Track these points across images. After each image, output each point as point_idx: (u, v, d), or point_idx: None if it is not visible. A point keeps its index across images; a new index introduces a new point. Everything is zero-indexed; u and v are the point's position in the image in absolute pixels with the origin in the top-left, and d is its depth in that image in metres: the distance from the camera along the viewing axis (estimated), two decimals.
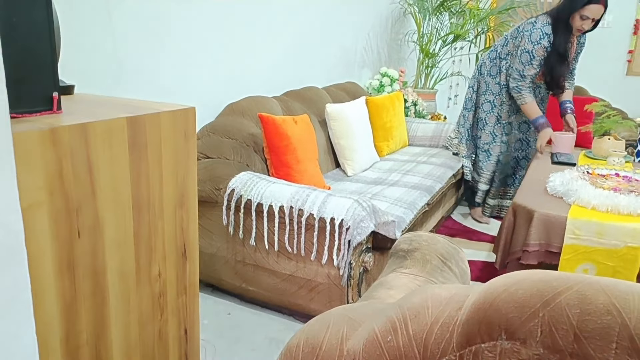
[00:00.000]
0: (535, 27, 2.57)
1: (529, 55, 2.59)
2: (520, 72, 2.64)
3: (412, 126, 3.56)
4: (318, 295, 1.87)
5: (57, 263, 0.83)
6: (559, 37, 2.56)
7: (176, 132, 1.06)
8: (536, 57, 2.58)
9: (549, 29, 2.55)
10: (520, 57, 2.63)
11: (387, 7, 4.12)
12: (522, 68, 2.63)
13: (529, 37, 2.59)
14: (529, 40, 2.58)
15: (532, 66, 2.61)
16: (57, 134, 0.83)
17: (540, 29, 2.55)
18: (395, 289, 1.11)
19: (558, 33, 2.55)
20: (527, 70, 2.62)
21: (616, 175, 2.19)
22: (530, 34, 2.58)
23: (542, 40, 2.54)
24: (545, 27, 2.55)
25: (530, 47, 2.58)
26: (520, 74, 2.64)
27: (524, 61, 2.61)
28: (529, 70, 2.62)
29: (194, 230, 1.14)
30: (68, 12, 1.63)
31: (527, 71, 2.62)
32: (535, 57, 2.58)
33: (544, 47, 2.56)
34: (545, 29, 2.55)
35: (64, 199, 0.83)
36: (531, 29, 2.59)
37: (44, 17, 0.84)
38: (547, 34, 2.54)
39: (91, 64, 1.81)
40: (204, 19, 2.27)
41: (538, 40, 2.55)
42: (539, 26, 2.56)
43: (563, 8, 2.54)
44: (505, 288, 0.66)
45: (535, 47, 2.57)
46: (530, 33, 2.59)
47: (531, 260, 1.88)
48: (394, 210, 2.15)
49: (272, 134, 2.18)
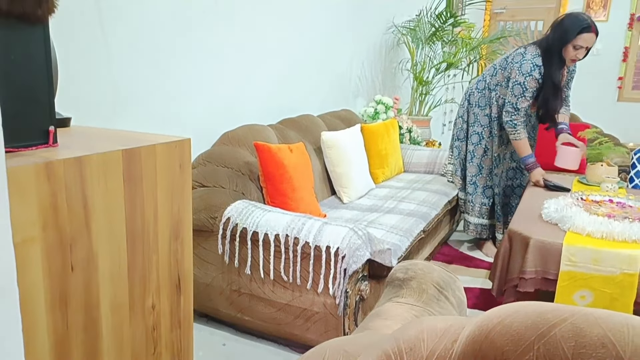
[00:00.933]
0: (525, 59, 2.56)
1: (521, 87, 2.57)
2: (514, 104, 2.61)
3: (407, 153, 3.59)
4: (314, 325, 1.85)
5: (50, 298, 0.83)
6: (553, 69, 2.54)
7: (171, 164, 1.07)
8: (528, 89, 2.57)
9: (539, 60, 2.54)
10: (513, 89, 2.61)
11: (381, 37, 4.21)
12: (515, 101, 2.60)
13: (519, 68, 2.57)
14: (520, 72, 2.57)
15: (525, 98, 2.59)
16: (52, 167, 0.83)
17: (531, 60, 2.54)
18: (391, 320, 1.10)
19: (552, 65, 2.54)
20: (520, 103, 2.60)
21: (610, 201, 2.21)
22: (520, 66, 2.57)
23: (533, 72, 2.54)
24: (535, 59, 2.54)
25: (521, 79, 2.56)
26: (513, 107, 2.61)
27: (517, 94, 2.59)
28: (522, 103, 2.60)
29: (188, 261, 1.13)
30: (66, 45, 1.65)
31: (520, 104, 2.60)
32: (527, 89, 2.57)
33: (535, 79, 2.55)
34: (536, 60, 2.54)
35: (58, 233, 0.83)
36: (521, 61, 2.58)
37: (42, 53, 0.86)
38: (537, 66, 2.54)
39: (88, 96, 1.83)
40: (199, 49, 2.31)
41: (529, 72, 2.54)
42: (529, 57, 2.55)
43: (554, 41, 2.52)
44: (500, 320, 0.66)
45: (526, 79, 2.55)
46: (520, 65, 2.57)
47: (528, 288, 1.87)
48: (390, 238, 2.14)
49: (268, 163, 2.19)
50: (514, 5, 6.75)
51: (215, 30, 2.38)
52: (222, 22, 2.41)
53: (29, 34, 0.85)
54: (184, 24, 2.19)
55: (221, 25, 2.41)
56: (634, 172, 2.43)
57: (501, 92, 2.75)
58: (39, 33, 0.87)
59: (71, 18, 1.70)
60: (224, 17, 2.42)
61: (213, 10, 2.35)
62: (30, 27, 0.85)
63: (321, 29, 3.31)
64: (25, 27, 0.84)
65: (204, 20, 2.31)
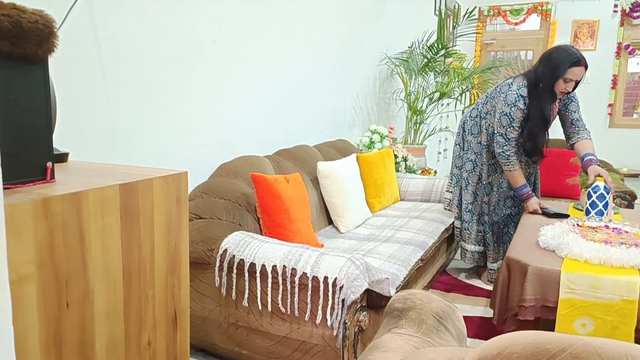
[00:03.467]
0: (510, 89, 2.59)
1: (507, 117, 2.59)
2: (504, 135, 2.62)
3: (403, 181, 3.60)
4: (313, 358, 1.82)
5: (44, 337, 0.82)
6: (543, 103, 2.56)
7: (169, 198, 1.07)
8: (515, 119, 2.59)
9: (525, 91, 2.57)
10: (500, 120, 2.62)
11: (375, 68, 4.29)
12: (504, 131, 2.62)
13: (505, 99, 2.60)
14: (505, 103, 2.59)
15: (513, 128, 2.60)
16: (49, 204, 0.83)
17: (516, 91, 2.57)
18: (391, 352, 1.08)
19: (542, 99, 2.55)
20: (509, 133, 2.61)
21: (606, 227, 2.21)
22: (505, 96, 2.60)
23: (518, 102, 2.56)
24: (520, 89, 2.57)
25: (507, 110, 2.59)
26: (504, 137, 2.62)
27: (505, 124, 2.61)
28: (511, 133, 2.61)
29: (185, 295, 1.12)
30: (64, 82, 1.68)
31: (509, 134, 2.61)
32: (514, 119, 2.59)
33: (520, 109, 2.57)
34: (521, 92, 2.57)
35: (54, 270, 0.83)
36: (507, 91, 2.61)
37: (42, 92, 0.87)
38: (522, 96, 2.56)
39: (85, 131, 1.84)
40: (196, 84, 2.35)
41: (514, 102, 2.56)
42: (514, 89, 2.58)
43: (544, 74, 2.54)
44: (499, 352, 0.66)
45: (512, 109, 2.57)
46: (505, 95, 2.60)
47: (528, 316, 1.85)
48: (387, 267, 2.13)
49: (265, 194, 2.20)
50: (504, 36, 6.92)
51: (212, 66, 2.43)
52: (219, 58, 2.46)
53: (29, 74, 0.86)
54: (181, 61, 2.24)
55: (218, 61, 2.46)
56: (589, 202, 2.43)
57: (490, 120, 2.77)
58: (39, 72, 0.89)
59: (72, 57, 1.73)
60: (220, 54, 2.47)
61: (210, 48, 2.40)
62: (30, 67, 0.87)
63: (316, 63, 3.37)
64: (25, 66, 0.86)
65: (201, 56, 2.35)
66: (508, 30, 6.93)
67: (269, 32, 2.82)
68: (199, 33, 2.32)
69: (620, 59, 6.25)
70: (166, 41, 2.14)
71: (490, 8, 6.68)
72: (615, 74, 6.27)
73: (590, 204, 2.40)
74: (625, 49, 6.22)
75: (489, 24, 6.92)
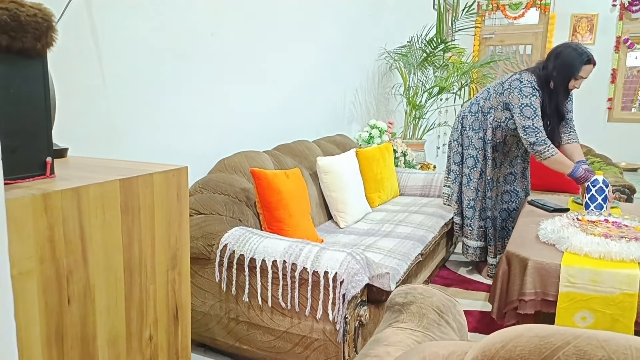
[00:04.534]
0: (522, 84, 2.59)
1: (530, 108, 2.57)
2: (532, 126, 2.56)
3: (403, 176, 3.60)
4: (314, 352, 1.82)
5: (46, 332, 0.81)
6: (559, 100, 2.59)
7: (169, 193, 1.07)
8: (537, 107, 2.58)
9: (536, 84, 2.58)
10: (523, 113, 2.58)
11: (374, 63, 4.28)
12: (531, 123, 2.56)
13: (520, 92, 2.59)
14: (522, 95, 2.58)
15: (539, 118, 2.57)
16: (49, 199, 0.83)
17: (529, 82, 2.58)
18: (392, 346, 1.08)
19: (558, 97, 2.58)
20: (537, 122, 2.56)
21: (606, 221, 2.22)
22: (520, 90, 2.59)
23: (535, 92, 2.57)
24: (532, 83, 2.58)
25: (527, 101, 2.57)
26: (534, 129, 2.56)
27: (530, 115, 2.57)
28: (538, 122, 2.57)
29: (186, 291, 1.12)
30: (63, 76, 1.67)
31: (537, 123, 2.56)
32: (537, 108, 2.57)
33: (537, 98, 2.58)
34: (534, 84, 2.58)
35: (55, 265, 0.83)
36: (519, 86, 2.60)
37: (41, 86, 0.87)
38: (536, 89, 2.58)
39: (85, 126, 1.84)
40: (195, 79, 2.34)
41: (531, 93, 2.57)
42: (526, 82, 2.59)
43: (556, 75, 2.56)
44: (502, 345, 0.66)
45: (531, 99, 2.57)
46: (520, 89, 2.59)
47: (528, 310, 1.86)
48: (387, 262, 2.13)
49: (264, 189, 2.19)
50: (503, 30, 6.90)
51: (211, 61, 2.42)
52: (218, 52, 2.45)
53: (28, 68, 0.86)
54: (180, 55, 2.23)
55: (217, 55, 2.45)
56: (588, 196, 2.45)
57: (496, 115, 2.76)
58: (37, 67, 0.88)
59: (70, 51, 1.72)
60: (219, 48, 2.46)
61: (209, 42, 2.39)
62: (29, 61, 0.86)
63: (315, 57, 3.36)
64: (24, 61, 0.85)
65: (200, 51, 2.34)
66: (507, 24, 6.91)
67: (268, 27, 2.80)
68: (198, 27, 2.31)
69: (619, 53, 6.24)
70: (165, 35, 2.13)
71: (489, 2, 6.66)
72: (614, 68, 6.27)
73: (590, 197, 2.41)
74: (624, 43, 6.21)
75: (488, 18, 6.90)
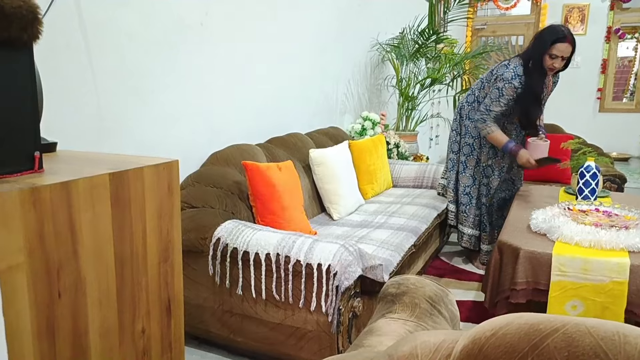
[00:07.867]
0: (508, 69, 2.66)
1: (498, 92, 2.67)
2: (487, 106, 2.72)
3: (396, 168, 3.61)
4: (308, 343, 1.83)
5: (36, 326, 0.81)
6: (534, 79, 2.64)
7: (160, 186, 1.06)
8: (504, 95, 2.66)
9: (521, 70, 2.64)
10: (491, 93, 2.71)
11: (366, 55, 4.26)
12: (489, 103, 2.71)
13: (502, 75, 2.68)
14: (501, 78, 2.67)
15: (498, 103, 2.68)
16: (38, 193, 0.82)
17: (513, 69, 2.65)
18: (385, 336, 1.09)
19: (533, 75, 2.63)
20: (493, 106, 2.70)
21: (596, 210, 2.24)
22: (502, 74, 2.67)
23: (513, 80, 2.63)
24: (517, 68, 2.64)
25: (500, 85, 2.66)
26: (486, 108, 2.72)
27: (493, 97, 2.70)
28: (495, 107, 2.69)
29: (178, 283, 1.12)
30: (50, 70, 1.65)
31: (493, 107, 2.70)
32: (503, 95, 2.66)
33: (513, 87, 2.63)
34: (517, 70, 2.64)
35: (45, 259, 0.82)
36: (504, 71, 2.68)
37: (27, 78, 0.85)
38: (518, 75, 2.63)
39: (74, 121, 1.82)
40: (185, 72, 2.32)
41: (509, 79, 2.63)
42: (512, 67, 2.66)
43: (533, 51, 2.63)
44: (493, 332, 0.66)
45: (505, 85, 2.64)
46: (502, 73, 2.68)
47: (520, 299, 1.88)
48: (381, 253, 2.14)
49: (257, 182, 2.19)
50: (495, 21, 6.90)
51: (201, 52, 2.40)
52: (208, 43, 2.43)
53: (14, 59, 0.84)
54: (169, 47, 2.20)
55: (207, 47, 2.43)
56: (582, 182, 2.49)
57: None
58: (24, 58, 0.87)
59: (57, 45, 1.70)
60: (209, 39, 2.44)
61: (198, 32, 2.37)
62: (15, 52, 0.85)
63: (307, 49, 3.35)
64: (10, 52, 0.84)
65: (190, 42, 2.32)
66: (499, 15, 6.91)
67: (258, 18, 2.78)
68: (186, 17, 2.29)
69: (610, 43, 6.27)
70: (153, 26, 2.11)
71: None
72: (605, 58, 6.29)
73: (584, 183, 2.44)
74: (615, 33, 6.24)
75: (480, 9, 6.89)
